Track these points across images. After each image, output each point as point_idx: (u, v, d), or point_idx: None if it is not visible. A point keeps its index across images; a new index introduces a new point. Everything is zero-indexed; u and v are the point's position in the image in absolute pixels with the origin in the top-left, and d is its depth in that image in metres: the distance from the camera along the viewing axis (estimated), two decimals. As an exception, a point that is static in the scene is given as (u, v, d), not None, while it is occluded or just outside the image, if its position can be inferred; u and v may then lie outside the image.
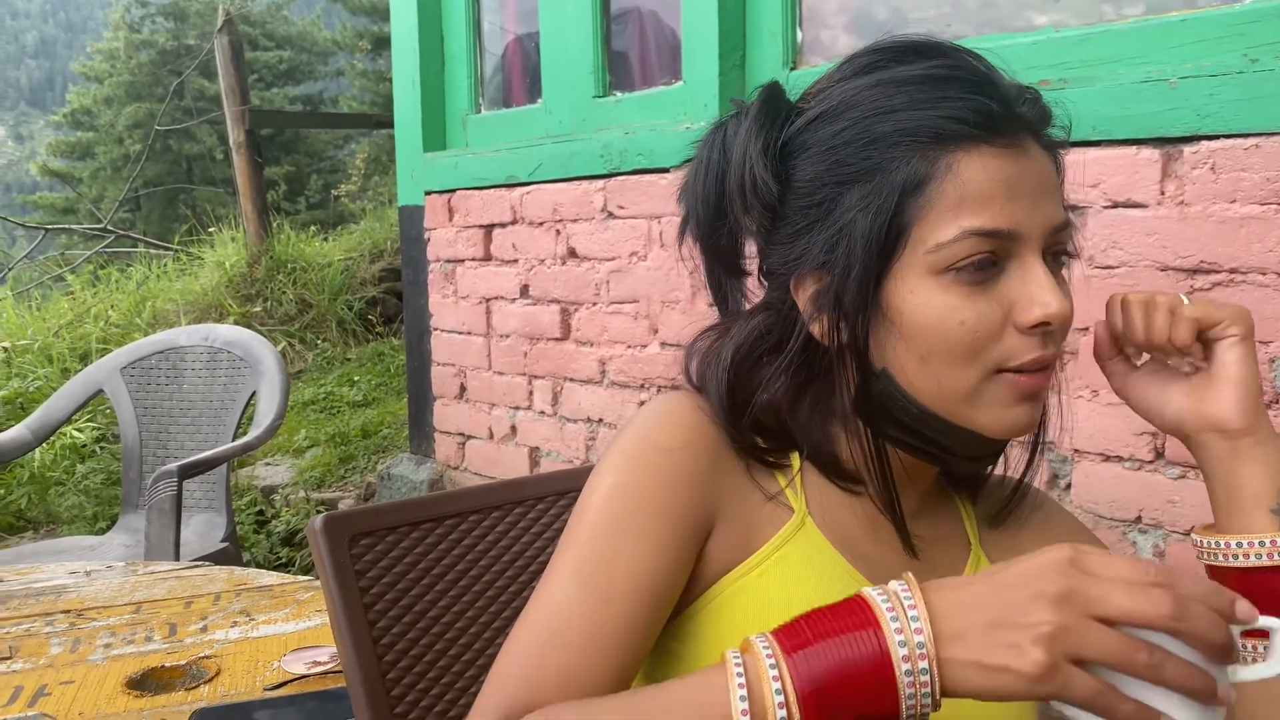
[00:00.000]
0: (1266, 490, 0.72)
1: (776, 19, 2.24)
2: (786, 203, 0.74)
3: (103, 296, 6.28)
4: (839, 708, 0.55)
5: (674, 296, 2.38)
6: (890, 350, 0.72)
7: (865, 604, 0.58)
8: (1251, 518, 0.72)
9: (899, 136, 0.69)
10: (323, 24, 22.32)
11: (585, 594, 0.69)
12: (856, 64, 0.74)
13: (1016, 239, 0.69)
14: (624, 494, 0.71)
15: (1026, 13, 1.99)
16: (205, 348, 2.71)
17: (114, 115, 19.96)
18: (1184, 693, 0.54)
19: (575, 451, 2.71)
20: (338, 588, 0.90)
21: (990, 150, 0.69)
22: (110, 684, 1.26)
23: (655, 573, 0.70)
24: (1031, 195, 0.70)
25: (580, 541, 0.71)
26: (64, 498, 4.19)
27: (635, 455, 0.73)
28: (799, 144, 0.73)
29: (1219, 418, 0.73)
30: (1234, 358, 0.73)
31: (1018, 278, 0.70)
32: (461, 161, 3.06)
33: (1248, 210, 1.44)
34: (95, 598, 1.58)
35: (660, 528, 0.71)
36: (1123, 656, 0.53)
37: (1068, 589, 0.54)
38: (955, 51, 0.73)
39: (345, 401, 4.94)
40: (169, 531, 2.18)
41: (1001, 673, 0.53)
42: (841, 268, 0.71)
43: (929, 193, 0.68)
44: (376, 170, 14.55)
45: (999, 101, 0.70)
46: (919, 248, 0.69)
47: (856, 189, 0.70)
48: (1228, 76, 1.45)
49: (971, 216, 0.68)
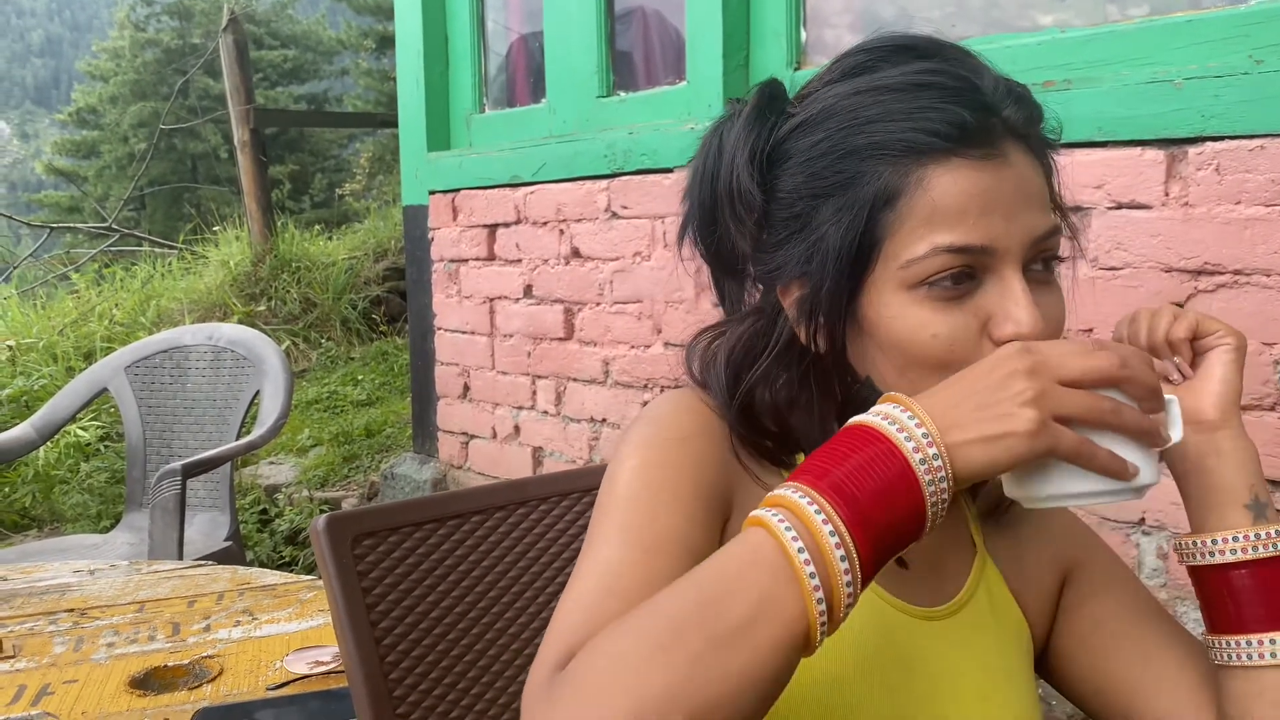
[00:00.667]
0: (1239, 486, 0.72)
1: (780, 19, 2.24)
2: (770, 212, 0.74)
3: (107, 295, 6.29)
4: (879, 525, 0.58)
5: (678, 297, 2.38)
6: (870, 360, 0.73)
7: (868, 427, 0.61)
8: (1226, 514, 0.72)
9: (871, 150, 0.69)
10: (327, 23, 22.35)
11: (633, 550, 0.69)
12: (846, 65, 0.73)
13: (992, 253, 0.68)
14: (651, 470, 0.72)
15: (1031, 12, 1.98)
16: (209, 346, 2.72)
17: (119, 114, 19.99)
18: (1137, 435, 0.62)
19: (578, 451, 2.71)
20: (340, 588, 0.90)
21: (964, 162, 0.68)
22: (113, 683, 1.27)
23: (694, 533, 0.70)
24: (1008, 207, 0.69)
25: (618, 512, 0.71)
26: (68, 496, 4.19)
27: (654, 442, 0.74)
28: (783, 152, 0.73)
29: (1195, 410, 0.73)
30: (1221, 362, 0.74)
31: (995, 292, 0.69)
32: (465, 161, 3.06)
33: (1252, 212, 1.44)
34: (99, 597, 1.58)
35: (690, 497, 0.71)
36: (1092, 408, 0.60)
37: (1032, 363, 0.60)
38: (942, 51, 0.71)
39: (349, 401, 4.94)
40: (173, 530, 2.19)
41: (1003, 439, 0.58)
42: (816, 280, 0.71)
43: (899, 208, 0.68)
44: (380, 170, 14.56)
45: (976, 110, 0.68)
46: (891, 263, 0.69)
47: (831, 202, 0.70)
48: (1233, 78, 1.45)
49: (943, 232, 0.67)
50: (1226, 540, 0.72)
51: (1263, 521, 0.71)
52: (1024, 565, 0.84)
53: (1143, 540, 1.57)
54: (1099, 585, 0.83)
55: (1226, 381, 0.74)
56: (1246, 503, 0.72)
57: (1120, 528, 1.60)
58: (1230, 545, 0.71)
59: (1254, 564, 0.71)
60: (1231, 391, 0.74)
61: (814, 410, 0.77)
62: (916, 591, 0.78)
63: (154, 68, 20.65)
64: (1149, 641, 0.80)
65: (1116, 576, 0.84)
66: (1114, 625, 0.82)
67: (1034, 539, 0.85)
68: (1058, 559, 0.85)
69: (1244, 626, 0.71)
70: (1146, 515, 1.56)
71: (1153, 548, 1.56)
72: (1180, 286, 1.52)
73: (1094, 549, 0.86)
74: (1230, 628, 0.72)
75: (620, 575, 0.68)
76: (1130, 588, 0.84)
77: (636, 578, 0.67)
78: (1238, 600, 0.71)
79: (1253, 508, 0.72)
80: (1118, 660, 0.81)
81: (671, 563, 0.68)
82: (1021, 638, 0.82)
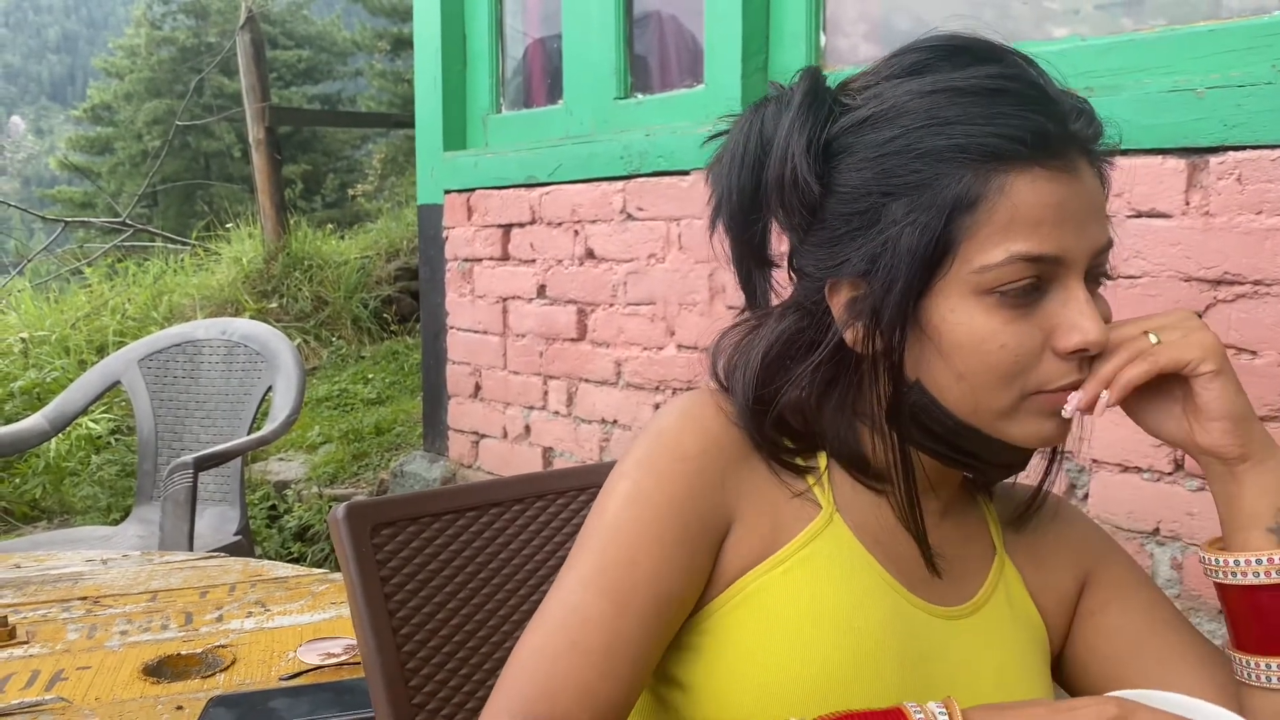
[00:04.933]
0: (1264, 510, 0.71)
1: (800, 22, 2.24)
2: (827, 205, 0.72)
3: (120, 290, 6.31)
4: None
5: (691, 299, 2.38)
6: (925, 364, 0.71)
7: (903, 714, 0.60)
8: (1250, 536, 0.72)
9: (952, 152, 0.67)
10: (342, 24, 22.41)
11: (604, 602, 0.69)
12: (905, 62, 0.71)
13: (1061, 263, 0.68)
14: (641, 500, 0.71)
15: (1046, 25, 1.98)
16: (222, 341, 2.73)
17: (134, 111, 20.07)
18: None
19: (589, 453, 2.71)
20: (359, 577, 0.90)
21: (1043, 172, 0.67)
22: (126, 670, 1.27)
23: (673, 580, 0.70)
24: (1079, 219, 0.69)
25: (598, 546, 0.71)
26: (78, 488, 4.21)
27: (652, 461, 0.73)
28: (843, 145, 0.71)
29: (1212, 448, 0.72)
30: (1212, 394, 0.71)
31: (1059, 302, 0.69)
32: (481, 161, 3.07)
33: (1273, 222, 1.44)
34: (111, 585, 1.59)
35: (677, 536, 0.71)
36: None
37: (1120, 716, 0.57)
38: (1008, 56, 0.71)
39: (359, 399, 4.95)
40: (183, 523, 2.19)
41: None
42: (883, 281, 0.69)
43: (979, 212, 0.67)
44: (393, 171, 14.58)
45: (1054, 120, 0.68)
46: (964, 267, 0.68)
47: (903, 201, 0.69)
48: (1255, 87, 1.44)
49: (1020, 240, 0.67)
50: (1250, 562, 0.71)
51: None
52: (1044, 569, 0.84)
53: (1157, 550, 1.57)
54: (1118, 592, 0.83)
55: (1228, 414, 0.71)
56: (1270, 526, 0.71)
57: (1134, 537, 1.59)
58: (1254, 568, 0.71)
59: (1276, 588, 0.70)
60: (1238, 421, 0.71)
61: (845, 410, 0.76)
62: (935, 590, 0.78)
63: (169, 66, 20.74)
64: (1167, 649, 0.80)
65: (1136, 583, 0.84)
66: (1132, 632, 0.81)
67: (1054, 543, 0.85)
68: (1078, 564, 0.85)
69: (1266, 648, 0.71)
70: (1161, 525, 1.56)
71: (1166, 558, 1.55)
72: (1199, 296, 1.51)
73: (1114, 556, 0.85)
74: (1252, 648, 0.72)
75: (586, 627, 0.68)
76: (1150, 595, 0.83)
77: (602, 639, 0.68)
78: (1263, 622, 0.71)
79: (1277, 530, 0.71)
80: (1135, 667, 0.80)
81: (642, 622, 0.69)
82: (1039, 640, 0.82)
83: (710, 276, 2.29)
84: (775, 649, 0.71)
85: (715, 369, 0.79)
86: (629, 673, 0.69)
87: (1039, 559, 0.84)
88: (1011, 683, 0.78)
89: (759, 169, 0.74)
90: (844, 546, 0.75)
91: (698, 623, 0.74)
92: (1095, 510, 1.65)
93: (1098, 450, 1.64)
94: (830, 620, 0.71)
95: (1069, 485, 1.69)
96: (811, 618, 0.71)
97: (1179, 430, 0.74)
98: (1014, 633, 0.80)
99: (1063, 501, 0.88)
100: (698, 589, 0.73)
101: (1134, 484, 1.60)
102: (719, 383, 0.79)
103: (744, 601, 0.73)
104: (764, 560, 0.73)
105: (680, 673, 0.74)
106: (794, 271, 0.77)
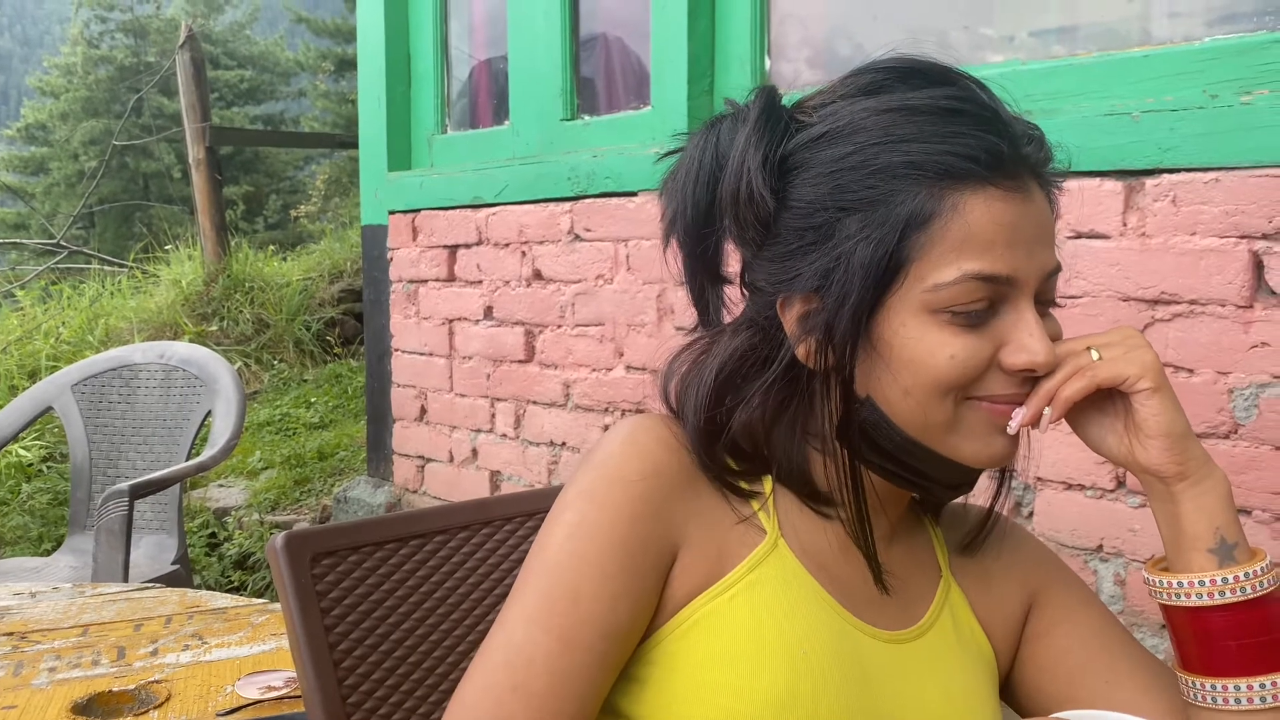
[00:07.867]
0: (1204, 531, 0.72)
1: (745, 46, 2.26)
2: (781, 220, 0.72)
3: (54, 313, 6.16)
4: None
5: (640, 320, 2.37)
6: (875, 379, 0.72)
7: None
8: (1191, 558, 0.72)
9: (906, 169, 0.68)
10: (286, 44, 22.22)
11: (549, 638, 0.68)
12: (861, 82, 0.72)
13: (1013, 284, 0.69)
14: (584, 532, 0.70)
15: (983, 51, 2.02)
16: (160, 365, 2.66)
17: (70, 131, 19.66)
18: None
19: (537, 475, 2.69)
20: (298, 608, 0.87)
21: (997, 192, 0.68)
22: (55, 709, 1.22)
23: (618, 612, 0.69)
24: (1030, 241, 0.70)
25: (542, 581, 0.70)
26: (8, 518, 4.08)
27: (594, 490, 0.72)
28: (799, 161, 0.71)
29: (1150, 466, 0.72)
30: (1150, 411, 0.71)
31: (1010, 321, 0.70)
32: (426, 181, 3.04)
33: (1207, 243, 1.47)
34: (40, 620, 1.53)
35: (622, 564, 0.70)
36: None
37: None
38: (962, 79, 0.72)
39: (301, 423, 4.87)
40: (118, 553, 2.13)
41: None
42: (835, 296, 0.69)
43: (932, 230, 0.68)
44: (336, 192, 14.46)
45: (1008, 142, 0.69)
46: (917, 284, 0.68)
47: (857, 217, 0.69)
48: (1188, 111, 1.48)
49: (973, 259, 0.68)
50: (1192, 584, 0.71)
51: (1230, 564, 0.71)
52: (991, 591, 0.84)
53: (1100, 567, 1.58)
54: (1067, 613, 0.83)
55: (1166, 432, 0.71)
56: (1210, 547, 0.71)
57: (1078, 554, 1.61)
58: (1196, 589, 0.71)
59: (1222, 608, 0.71)
60: (1175, 439, 0.71)
61: (795, 431, 0.76)
62: (881, 614, 0.77)
63: (107, 85, 20.37)
64: (1116, 669, 0.80)
65: (1084, 604, 0.84)
66: (1081, 652, 0.82)
67: (1002, 566, 0.85)
68: (1025, 586, 0.85)
69: (1211, 669, 0.71)
70: (1104, 542, 1.58)
71: (1110, 574, 1.57)
72: (1138, 315, 1.54)
73: (1062, 577, 0.86)
74: (1198, 668, 0.72)
75: (531, 668, 0.67)
76: (1098, 615, 0.84)
77: (547, 676, 0.67)
78: (1207, 643, 0.71)
79: (1217, 551, 0.71)
80: (1084, 687, 0.81)
81: (588, 657, 0.68)
82: (986, 663, 0.82)
83: (659, 297, 2.28)
84: (722, 678, 0.70)
85: (666, 392, 0.78)
86: (575, 710, 0.67)
87: (986, 581, 0.84)
88: (958, 706, 0.78)
89: (714, 184, 0.74)
90: (789, 571, 0.74)
91: (645, 652, 0.73)
92: (1040, 528, 1.67)
93: (1043, 469, 1.66)
94: (774, 647, 0.71)
95: (1014, 503, 1.71)
96: (756, 644, 0.71)
97: (1120, 447, 0.74)
98: (960, 656, 0.80)
99: (1011, 523, 0.88)
100: (646, 617, 0.71)
101: (1078, 501, 1.62)
102: (669, 406, 0.78)
103: (692, 627, 0.72)
104: (709, 587, 0.72)
105: (627, 706, 0.73)
106: (746, 287, 0.77)
